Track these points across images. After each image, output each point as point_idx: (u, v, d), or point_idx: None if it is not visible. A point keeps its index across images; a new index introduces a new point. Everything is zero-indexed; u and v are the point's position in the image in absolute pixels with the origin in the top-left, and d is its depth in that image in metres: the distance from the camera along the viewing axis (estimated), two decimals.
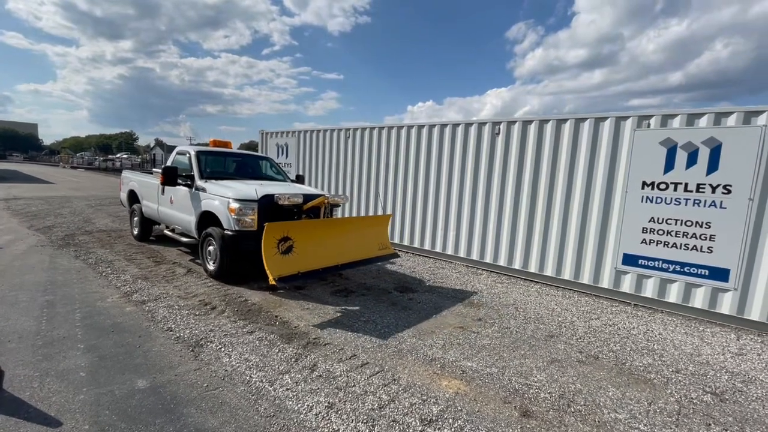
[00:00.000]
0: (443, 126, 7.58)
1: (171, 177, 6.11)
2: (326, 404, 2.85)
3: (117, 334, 3.76)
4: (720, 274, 5.02)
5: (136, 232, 7.95)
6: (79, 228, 8.83)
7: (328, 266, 4.97)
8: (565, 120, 6.14)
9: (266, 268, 4.28)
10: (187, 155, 6.59)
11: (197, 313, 4.41)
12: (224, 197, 5.44)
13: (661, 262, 5.40)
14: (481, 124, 7.07)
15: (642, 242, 5.53)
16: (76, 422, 2.50)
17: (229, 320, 4.26)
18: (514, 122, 6.68)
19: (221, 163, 7.07)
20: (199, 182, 6.04)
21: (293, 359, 3.48)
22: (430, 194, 7.86)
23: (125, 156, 57.73)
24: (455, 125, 7.43)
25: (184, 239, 6.61)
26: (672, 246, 5.31)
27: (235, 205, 5.25)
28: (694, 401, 3.22)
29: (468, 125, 7.25)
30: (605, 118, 5.77)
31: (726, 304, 5.01)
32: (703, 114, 5.08)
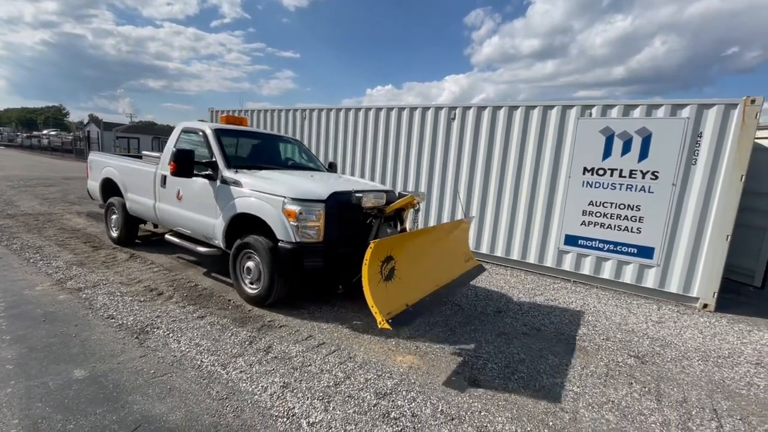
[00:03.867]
0: (401, 109, 7.60)
1: (187, 165, 4.42)
2: (281, 384, 2.84)
3: (49, 324, 3.47)
4: (646, 252, 5.56)
5: (115, 234, 6.17)
6: (0, 211, 7.93)
7: (431, 292, 3.65)
8: (517, 107, 6.39)
9: (372, 304, 2.97)
10: (201, 134, 4.97)
11: (142, 299, 4.17)
12: (274, 195, 4.01)
13: (597, 242, 5.87)
14: (438, 109, 7.17)
15: (582, 224, 5.96)
16: (3, 416, 2.30)
17: (177, 306, 4.08)
18: (469, 108, 6.84)
19: (243, 147, 5.42)
20: (226, 173, 4.47)
21: (247, 342, 3.42)
22: (388, 176, 7.90)
23: (53, 133, 52.09)
24: (413, 108, 7.47)
25: (201, 249, 4.83)
26: (607, 227, 5.78)
27: (293, 208, 3.85)
28: (620, 364, 3.59)
29: (425, 109, 7.32)
30: (552, 107, 6.07)
31: (650, 279, 5.57)
32: (637, 105, 5.50)
